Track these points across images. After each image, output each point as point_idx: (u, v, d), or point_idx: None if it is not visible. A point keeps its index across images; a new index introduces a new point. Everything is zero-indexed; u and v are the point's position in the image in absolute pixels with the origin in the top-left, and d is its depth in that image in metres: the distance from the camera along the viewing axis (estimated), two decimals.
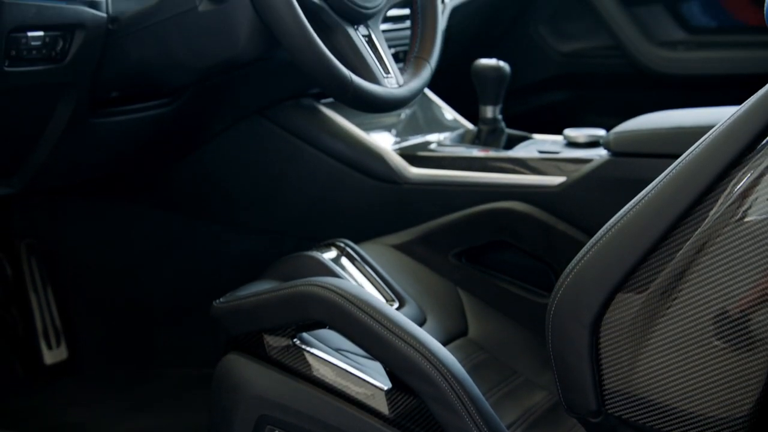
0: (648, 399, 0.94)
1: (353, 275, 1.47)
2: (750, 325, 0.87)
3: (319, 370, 1.26)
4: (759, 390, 0.88)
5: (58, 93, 1.41)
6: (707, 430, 0.91)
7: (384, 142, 1.86)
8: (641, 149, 1.58)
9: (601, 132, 1.75)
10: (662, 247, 0.92)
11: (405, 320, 1.21)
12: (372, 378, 1.25)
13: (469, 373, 1.18)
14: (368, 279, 1.48)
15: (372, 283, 1.48)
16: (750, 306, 0.87)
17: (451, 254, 1.65)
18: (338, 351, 1.30)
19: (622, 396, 0.96)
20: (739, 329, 0.88)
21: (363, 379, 1.25)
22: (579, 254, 0.99)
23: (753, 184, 0.88)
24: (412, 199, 1.75)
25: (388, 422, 1.21)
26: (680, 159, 0.94)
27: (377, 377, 1.25)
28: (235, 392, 1.30)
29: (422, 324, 1.45)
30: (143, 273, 2.05)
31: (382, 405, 1.22)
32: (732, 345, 0.88)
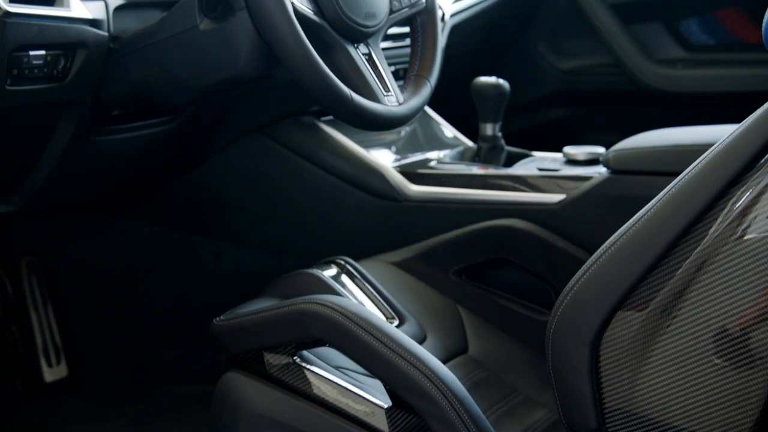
0: (648, 417, 0.94)
1: (353, 293, 1.47)
2: (750, 344, 0.87)
3: (320, 388, 1.26)
4: (759, 408, 0.87)
5: (60, 111, 1.42)
6: None
7: (384, 160, 1.87)
8: (641, 167, 1.59)
9: (601, 150, 1.75)
10: (662, 265, 0.93)
11: (405, 338, 1.21)
12: (372, 396, 1.24)
13: (470, 391, 1.18)
14: (368, 296, 1.49)
15: (372, 301, 1.48)
16: (749, 324, 0.87)
17: (451, 272, 1.65)
18: (338, 369, 1.30)
19: (623, 414, 0.96)
20: (739, 347, 0.88)
21: (363, 397, 1.25)
22: (579, 272, 0.99)
23: (752, 203, 0.88)
24: (412, 217, 1.75)
25: None
26: (680, 177, 0.94)
27: (377, 395, 1.24)
28: (235, 410, 1.30)
29: (422, 342, 1.45)
30: (143, 290, 2.05)
31: (382, 423, 1.22)
32: (732, 363, 0.88)
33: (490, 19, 2.61)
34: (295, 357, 1.29)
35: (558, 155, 1.83)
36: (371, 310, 1.40)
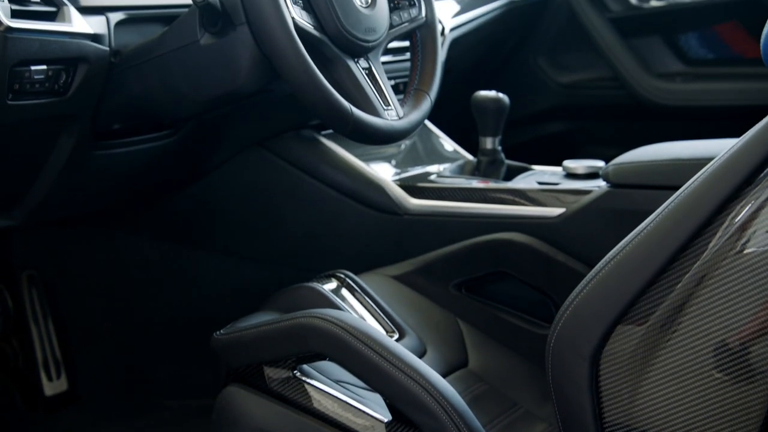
0: (648, 431, 0.94)
1: (353, 306, 1.47)
2: (750, 358, 0.87)
3: (320, 402, 1.26)
4: (759, 423, 0.87)
5: (61, 126, 1.42)
6: None
7: (384, 173, 1.87)
8: (640, 181, 1.59)
9: (600, 163, 1.75)
10: (662, 280, 0.93)
11: (405, 352, 1.21)
12: (372, 410, 1.24)
13: (470, 405, 1.18)
14: (368, 310, 1.49)
15: (372, 315, 1.48)
16: (750, 338, 0.87)
17: (451, 285, 1.65)
18: (338, 383, 1.30)
19: (623, 428, 0.96)
20: (739, 361, 0.88)
21: (363, 411, 1.25)
22: (579, 286, 0.99)
23: (752, 217, 0.88)
24: (412, 230, 1.75)
25: None
26: (679, 191, 0.94)
27: (377, 409, 1.24)
28: (236, 424, 1.30)
29: (422, 355, 1.45)
30: (143, 304, 2.05)
31: None
32: (732, 377, 0.88)
33: (490, 34, 2.62)
34: (296, 371, 1.29)
35: (558, 169, 1.83)
36: (371, 324, 1.40)
